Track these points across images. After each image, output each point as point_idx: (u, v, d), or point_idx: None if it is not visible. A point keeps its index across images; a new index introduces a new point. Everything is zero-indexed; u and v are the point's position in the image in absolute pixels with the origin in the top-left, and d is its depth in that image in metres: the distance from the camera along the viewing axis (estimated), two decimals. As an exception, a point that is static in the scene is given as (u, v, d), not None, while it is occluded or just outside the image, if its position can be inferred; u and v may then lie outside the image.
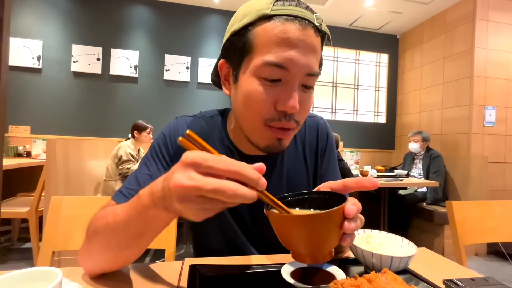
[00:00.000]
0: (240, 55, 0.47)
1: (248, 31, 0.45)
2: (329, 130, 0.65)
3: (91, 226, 0.45)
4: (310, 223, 0.31)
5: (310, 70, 0.45)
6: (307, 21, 0.43)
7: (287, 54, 0.43)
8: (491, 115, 2.81)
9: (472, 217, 1.11)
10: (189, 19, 3.27)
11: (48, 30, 2.94)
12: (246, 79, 0.46)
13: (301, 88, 0.46)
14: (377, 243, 0.50)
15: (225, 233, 0.59)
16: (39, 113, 2.89)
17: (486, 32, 2.79)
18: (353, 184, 0.38)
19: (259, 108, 0.45)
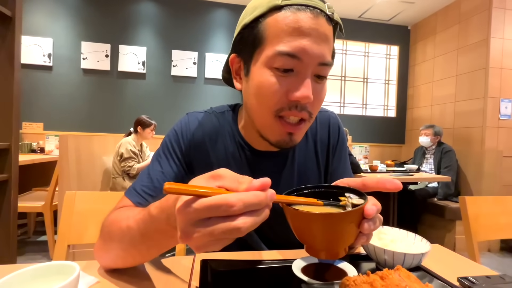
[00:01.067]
0: (252, 47, 0.46)
1: (259, 23, 0.45)
2: (340, 126, 0.64)
3: (106, 228, 0.45)
4: (329, 222, 0.31)
5: (323, 60, 0.44)
6: (319, 10, 0.43)
7: (299, 43, 0.42)
8: (507, 107, 2.71)
9: (485, 213, 1.09)
10: (196, 14, 3.26)
11: (58, 28, 2.98)
12: (258, 70, 0.45)
13: (313, 79, 0.46)
14: (389, 240, 0.50)
15: None
16: (51, 110, 2.95)
17: (503, 21, 2.67)
18: (374, 184, 0.36)
19: (271, 99, 0.45)
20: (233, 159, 0.57)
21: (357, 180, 0.37)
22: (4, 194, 0.85)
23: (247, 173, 0.57)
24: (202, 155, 0.57)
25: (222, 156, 0.57)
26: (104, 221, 0.47)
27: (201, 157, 0.57)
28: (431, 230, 2.73)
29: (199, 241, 0.26)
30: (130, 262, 0.45)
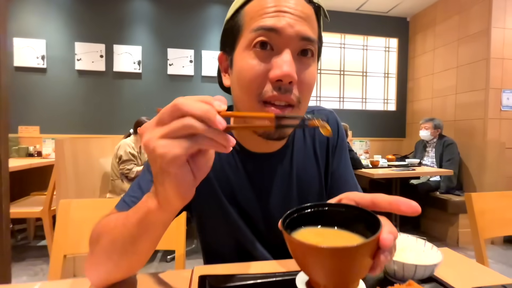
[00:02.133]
0: (233, 38, 0.46)
1: (239, 14, 0.45)
2: (339, 124, 0.61)
3: (93, 236, 0.43)
4: (337, 257, 0.26)
5: (304, 34, 0.42)
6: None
7: (276, 19, 0.41)
8: (509, 98, 2.68)
9: (492, 209, 1.06)
10: (191, 11, 3.19)
11: (51, 29, 2.92)
12: (239, 57, 0.44)
13: (297, 58, 0.43)
14: (398, 248, 0.47)
15: (234, 237, 0.57)
16: (46, 112, 2.91)
17: (504, 10, 2.62)
18: (386, 205, 0.30)
19: (253, 82, 0.42)
20: (228, 165, 0.54)
21: (365, 196, 0.32)
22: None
23: (243, 177, 0.55)
24: None
25: (215, 163, 0.53)
26: (91, 232, 0.44)
27: None
28: (434, 224, 2.72)
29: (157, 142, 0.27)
30: (116, 270, 0.42)
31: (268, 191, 0.55)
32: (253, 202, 0.55)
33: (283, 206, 0.55)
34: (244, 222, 0.55)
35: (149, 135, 0.28)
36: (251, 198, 0.55)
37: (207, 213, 0.56)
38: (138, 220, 0.35)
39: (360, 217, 0.30)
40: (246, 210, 0.55)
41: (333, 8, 3.43)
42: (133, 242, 0.37)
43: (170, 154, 0.27)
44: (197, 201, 0.55)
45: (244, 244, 0.56)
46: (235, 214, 0.55)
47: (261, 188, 0.55)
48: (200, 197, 0.55)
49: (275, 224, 0.54)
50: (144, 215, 0.34)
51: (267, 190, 0.55)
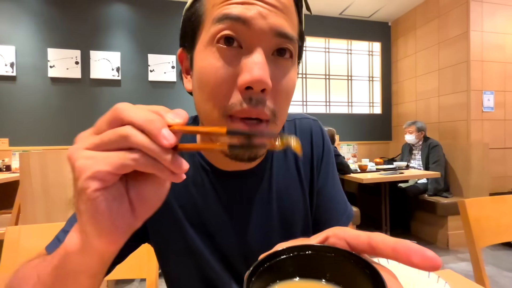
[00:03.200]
0: (193, 31, 0.36)
1: (197, 3, 0.36)
2: (324, 134, 0.52)
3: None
4: None
5: (279, 28, 0.33)
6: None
7: (244, 7, 0.32)
8: (490, 100, 2.73)
9: (487, 215, 1.02)
10: (172, 15, 3.10)
11: (21, 34, 2.75)
12: (199, 55, 0.35)
13: (272, 58, 0.34)
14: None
15: (204, 275, 0.46)
16: (16, 123, 2.71)
17: (481, 14, 2.69)
18: (389, 252, 0.20)
19: (216, 90, 0.33)
20: (194, 186, 0.44)
21: (360, 236, 0.22)
22: None
23: (213, 200, 0.44)
24: None
25: (184, 188, 0.44)
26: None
27: None
28: (423, 227, 2.70)
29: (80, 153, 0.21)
30: None
31: (244, 218, 0.45)
32: (227, 232, 0.45)
33: (262, 235, 0.46)
34: (216, 257, 0.45)
35: (77, 145, 0.22)
36: (225, 227, 0.45)
37: (169, 247, 0.46)
38: (54, 267, 0.25)
39: (355, 268, 0.21)
40: (218, 243, 0.45)
41: (317, 13, 3.43)
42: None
43: (92, 169, 0.20)
44: (156, 233, 0.46)
45: (216, 283, 0.46)
46: (205, 248, 0.45)
47: (236, 215, 0.45)
48: (160, 227, 0.45)
49: (254, 258, 0.44)
50: (60, 261, 0.25)
51: (243, 216, 0.45)
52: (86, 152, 0.21)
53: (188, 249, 0.45)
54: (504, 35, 2.75)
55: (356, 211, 2.24)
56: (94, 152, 0.21)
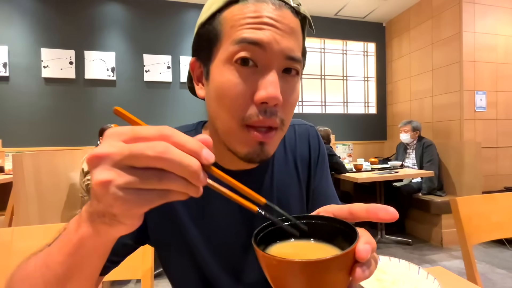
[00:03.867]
0: (209, 46, 0.40)
1: (216, 19, 0.39)
2: (320, 139, 0.58)
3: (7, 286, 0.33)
4: (310, 270, 0.24)
5: (290, 52, 0.37)
6: (283, 2, 0.37)
7: (261, 33, 0.36)
8: (482, 99, 2.77)
9: (478, 213, 1.04)
10: (167, 15, 3.09)
11: (14, 34, 2.72)
12: (217, 70, 0.39)
13: (282, 76, 0.38)
14: (390, 281, 0.40)
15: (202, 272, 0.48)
16: (10, 124, 2.68)
17: (473, 15, 2.73)
18: (364, 214, 0.28)
19: (234, 103, 0.38)
20: (213, 198, 0.46)
21: (343, 208, 0.29)
22: None
23: (215, 198, 0.45)
24: None
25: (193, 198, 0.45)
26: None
27: None
28: (418, 225, 2.73)
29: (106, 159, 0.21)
30: None
31: (245, 215, 0.47)
32: (227, 230, 0.47)
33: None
34: (216, 256, 0.47)
35: (110, 174, 0.21)
36: (225, 225, 0.47)
37: (170, 247, 0.48)
38: (69, 253, 0.27)
39: (337, 228, 0.28)
40: (218, 241, 0.47)
41: (312, 13, 3.44)
42: (59, 283, 0.29)
43: (132, 212, 0.23)
44: (156, 234, 0.47)
45: (216, 282, 0.48)
46: (205, 247, 0.47)
47: (237, 212, 0.47)
48: (161, 228, 0.47)
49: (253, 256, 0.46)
50: (74, 247, 0.27)
51: (244, 214, 0.47)
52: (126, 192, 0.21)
53: (188, 248, 0.46)
54: (496, 36, 2.79)
55: (351, 210, 2.26)
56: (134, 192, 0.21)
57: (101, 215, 0.24)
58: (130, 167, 0.21)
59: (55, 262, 0.28)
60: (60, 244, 0.28)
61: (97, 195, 0.22)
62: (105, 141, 0.22)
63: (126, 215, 0.23)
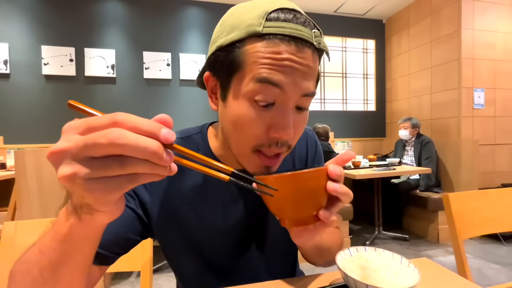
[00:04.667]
0: (228, 72, 0.41)
1: (237, 48, 0.39)
2: (317, 141, 0.63)
3: (9, 278, 0.35)
4: (294, 182, 0.33)
5: (307, 91, 0.40)
6: (304, 41, 0.38)
7: (282, 75, 0.38)
8: (480, 97, 2.78)
9: (470, 209, 1.06)
10: (167, 12, 3.09)
11: (14, 32, 2.73)
12: (236, 101, 0.40)
13: (295, 110, 0.42)
14: (372, 269, 0.42)
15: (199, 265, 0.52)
16: (11, 121, 2.70)
17: (472, 12, 2.73)
18: (338, 162, 0.37)
19: (250, 134, 0.40)
20: (206, 185, 0.51)
21: (330, 161, 0.38)
22: None
23: (227, 193, 0.51)
24: (162, 190, 0.50)
25: (190, 186, 0.50)
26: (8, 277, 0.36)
27: (161, 193, 0.50)
28: (415, 222, 2.76)
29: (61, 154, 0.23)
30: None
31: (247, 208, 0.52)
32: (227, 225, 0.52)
33: (263, 219, 0.53)
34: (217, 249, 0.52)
35: (69, 169, 0.22)
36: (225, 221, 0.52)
37: (172, 241, 0.52)
38: (60, 240, 0.29)
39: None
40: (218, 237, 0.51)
41: (311, 10, 3.45)
42: (52, 269, 0.31)
43: (103, 200, 0.24)
44: (159, 229, 0.51)
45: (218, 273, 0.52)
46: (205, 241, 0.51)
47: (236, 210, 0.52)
48: (163, 223, 0.50)
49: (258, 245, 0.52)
50: (66, 234, 0.29)
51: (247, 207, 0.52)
52: (92, 183, 0.22)
53: (189, 244, 0.50)
54: (495, 33, 2.79)
55: (349, 207, 2.28)
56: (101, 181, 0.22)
57: (79, 206, 0.26)
58: (90, 158, 0.22)
59: (49, 249, 0.30)
60: (53, 233, 0.30)
61: (68, 189, 0.24)
62: (62, 137, 0.24)
63: (100, 203, 0.24)
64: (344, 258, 0.46)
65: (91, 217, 0.27)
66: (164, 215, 0.49)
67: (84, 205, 0.26)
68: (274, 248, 0.54)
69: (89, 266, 0.35)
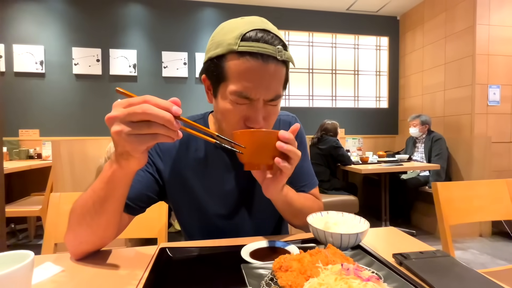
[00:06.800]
0: (217, 79, 0.56)
1: (222, 61, 0.53)
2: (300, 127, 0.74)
3: (70, 212, 0.52)
4: (252, 136, 0.48)
5: (272, 96, 0.54)
6: (269, 56, 0.51)
7: (252, 86, 0.52)
8: (495, 94, 2.73)
9: (458, 197, 1.13)
10: (184, 14, 3.28)
11: (49, 35, 3.02)
12: (222, 100, 0.56)
13: (266, 105, 0.55)
14: (332, 223, 0.54)
15: (201, 222, 0.66)
16: (46, 116, 3.00)
17: (488, 7, 2.68)
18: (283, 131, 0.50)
19: (232, 123, 0.56)
20: (207, 158, 0.65)
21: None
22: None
23: (218, 167, 0.66)
24: (173, 161, 0.65)
25: (195, 159, 0.65)
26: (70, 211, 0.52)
27: (173, 163, 0.65)
28: (424, 218, 2.77)
29: (112, 119, 0.39)
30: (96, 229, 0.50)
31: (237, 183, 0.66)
32: (224, 192, 0.66)
33: (252, 190, 0.67)
34: (216, 211, 0.66)
35: (118, 127, 0.39)
36: (222, 189, 0.66)
37: (181, 203, 0.67)
38: (105, 182, 0.46)
39: None
40: (218, 201, 0.65)
41: (323, 9, 3.50)
42: (101, 202, 0.47)
43: (137, 148, 0.40)
44: (172, 193, 0.66)
45: (218, 232, 0.66)
46: (208, 204, 0.65)
47: (231, 180, 0.66)
48: (175, 189, 0.66)
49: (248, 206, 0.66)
50: (110, 177, 0.45)
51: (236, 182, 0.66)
52: (131, 137, 0.39)
53: (195, 206, 0.65)
54: (512, 28, 2.72)
55: (354, 200, 2.35)
56: (135, 137, 0.39)
57: (120, 154, 0.43)
58: (130, 122, 0.38)
59: (98, 188, 0.47)
60: (100, 177, 0.47)
61: (115, 142, 0.40)
62: (113, 109, 0.40)
63: (134, 150, 0.40)
64: (314, 217, 0.58)
65: (127, 162, 0.42)
66: (175, 181, 0.64)
67: (124, 153, 0.42)
68: (261, 209, 0.67)
69: (123, 205, 0.51)
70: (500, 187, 1.15)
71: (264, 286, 0.39)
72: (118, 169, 0.44)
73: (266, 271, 0.42)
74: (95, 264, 0.51)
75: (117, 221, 0.51)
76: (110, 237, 0.54)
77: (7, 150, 2.77)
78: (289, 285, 0.36)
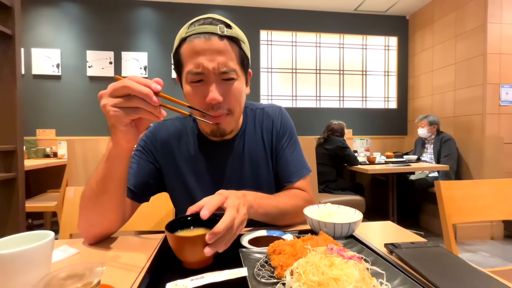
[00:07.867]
0: (178, 70, 0.63)
1: (178, 53, 0.60)
2: (284, 116, 0.75)
3: (81, 200, 0.56)
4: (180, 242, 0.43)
5: (221, 69, 0.57)
6: (210, 33, 0.56)
7: (198, 62, 0.57)
8: (508, 93, 2.66)
9: (461, 196, 1.13)
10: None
11: (64, 39, 3.15)
12: (185, 85, 0.61)
13: (221, 82, 0.59)
14: (326, 214, 0.57)
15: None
16: (62, 116, 3.14)
17: (500, 5, 2.62)
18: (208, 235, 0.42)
19: (196, 105, 0.59)
20: (196, 151, 0.70)
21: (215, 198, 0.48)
22: (13, 190, 0.97)
23: (206, 159, 0.70)
24: (168, 152, 0.70)
25: (186, 151, 0.70)
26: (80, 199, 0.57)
27: (167, 154, 0.70)
28: (432, 219, 2.73)
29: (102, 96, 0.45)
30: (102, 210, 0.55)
31: (226, 172, 0.70)
32: (212, 182, 0.69)
33: (237, 182, 0.69)
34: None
35: (106, 101, 0.45)
36: (210, 179, 0.70)
37: (176, 191, 0.72)
38: (104, 161, 0.51)
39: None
40: (208, 189, 0.68)
41: (331, 9, 3.51)
42: (103, 181, 0.52)
43: (120, 119, 0.45)
44: (169, 182, 0.71)
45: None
46: (198, 192, 0.69)
47: (219, 170, 0.70)
48: (171, 178, 0.71)
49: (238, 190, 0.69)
50: (107, 156, 0.51)
51: (225, 171, 0.70)
52: (114, 109, 0.44)
53: (187, 193, 0.69)
54: (526, 26, 2.66)
55: (360, 200, 2.35)
56: (118, 109, 0.44)
57: (110, 128, 0.48)
58: (116, 96, 0.44)
59: (100, 168, 0.52)
60: (102, 159, 0.52)
61: (106, 114, 0.45)
62: (107, 88, 0.45)
63: (118, 122, 0.45)
64: (311, 209, 0.61)
65: (116, 137, 0.47)
66: (171, 170, 0.69)
67: (112, 126, 0.47)
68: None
69: (123, 185, 0.55)
70: (506, 186, 1.14)
71: (258, 267, 0.42)
72: (112, 147, 0.49)
73: (262, 255, 0.46)
74: (105, 248, 0.56)
75: (120, 202, 0.56)
76: (116, 220, 0.58)
77: (26, 149, 2.90)
78: (280, 265, 0.39)
